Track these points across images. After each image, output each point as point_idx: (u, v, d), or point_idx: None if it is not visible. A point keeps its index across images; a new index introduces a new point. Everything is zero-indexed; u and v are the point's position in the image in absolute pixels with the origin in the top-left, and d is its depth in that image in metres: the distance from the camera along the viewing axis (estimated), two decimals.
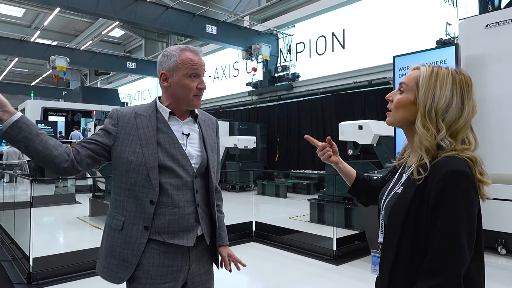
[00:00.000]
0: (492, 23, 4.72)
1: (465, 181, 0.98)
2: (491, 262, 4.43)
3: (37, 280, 3.60)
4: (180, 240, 1.43)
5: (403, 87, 1.14)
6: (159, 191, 1.41)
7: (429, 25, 8.65)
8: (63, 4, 9.14)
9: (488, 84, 4.76)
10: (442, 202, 0.97)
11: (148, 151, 1.42)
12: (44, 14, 18.53)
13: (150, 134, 1.44)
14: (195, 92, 1.48)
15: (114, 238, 1.44)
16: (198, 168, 1.50)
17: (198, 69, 1.48)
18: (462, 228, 0.96)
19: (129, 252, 1.41)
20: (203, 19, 11.39)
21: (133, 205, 1.42)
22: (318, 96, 11.65)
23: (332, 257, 4.40)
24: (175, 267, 1.44)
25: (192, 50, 1.49)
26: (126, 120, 1.47)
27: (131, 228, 1.41)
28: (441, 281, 0.94)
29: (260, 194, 10.44)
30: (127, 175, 1.42)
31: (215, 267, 1.68)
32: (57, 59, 13.55)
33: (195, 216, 1.47)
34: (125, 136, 1.44)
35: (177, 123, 1.51)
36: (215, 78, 16.76)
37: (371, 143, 6.23)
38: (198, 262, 1.52)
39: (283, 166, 12.44)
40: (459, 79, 1.10)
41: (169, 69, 1.47)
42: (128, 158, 1.42)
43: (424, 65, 1.14)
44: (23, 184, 5.70)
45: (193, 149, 1.51)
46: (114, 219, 1.46)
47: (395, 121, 1.17)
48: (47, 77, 25.01)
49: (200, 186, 1.51)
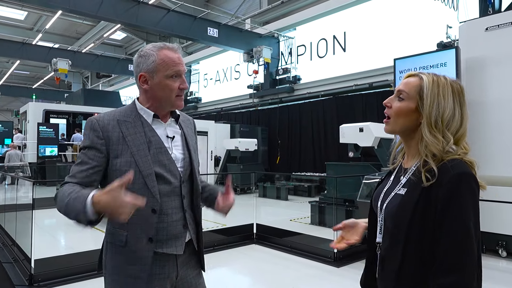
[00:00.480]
0: (492, 26, 4.73)
1: (472, 182, 1.03)
2: (492, 264, 4.42)
3: (39, 282, 3.60)
4: (169, 248, 1.38)
5: (403, 95, 1.14)
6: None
7: (430, 28, 8.68)
8: (65, 7, 9.20)
9: (488, 87, 4.77)
10: (453, 202, 1.00)
11: (141, 158, 1.34)
12: (46, 17, 18.61)
13: (139, 141, 1.36)
14: (177, 92, 1.40)
15: (118, 255, 1.36)
16: (185, 172, 1.44)
17: (179, 69, 1.39)
18: (470, 226, 1.00)
19: (136, 268, 1.33)
20: (204, 22, 11.44)
21: (134, 218, 1.28)
22: (319, 98, 11.67)
23: (333, 259, 4.40)
24: (162, 274, 1.37)
25: (170, 48, 1.41)
26: (110, 129, 1.36)
27: (135, 242, 1.33)
28: (455, 279, 0.97)
29: (261, 197, 10.44)
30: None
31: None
32: (59, 61, 13.62)
33: (183, 222, 1.42)
34: (113, 147, 1.34)
35: (161, 126, 1.44)
36: (217, 80, 16.80)
37: (372, 146, 6.24)
38: (186, 267, 1.46)
39: (284, 168, 12.45)
40: (457, 89, 1.13)
41: (149, 71, 1.37)
42: (121, 169, 1.31)
43: (424, 74, 1.15)
44: (25, 186, 5.72)
45: (178, 152, 1.45)
46: (114, 235, 1.37)
47: (396, 129, 1.17)
48: (49, 80, 25.11)
49: (186, 191, 1.45)
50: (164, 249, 1.37)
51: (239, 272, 4.45)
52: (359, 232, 1.34)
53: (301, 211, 7.85)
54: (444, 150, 1.06)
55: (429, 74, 1.14)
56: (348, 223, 1.36)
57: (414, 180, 1.09)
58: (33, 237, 3.76)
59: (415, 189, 1.07)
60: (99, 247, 1.50)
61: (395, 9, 9.93)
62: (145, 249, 1.33)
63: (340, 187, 6.28)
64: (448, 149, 1.07)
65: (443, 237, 1.01)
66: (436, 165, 1.05)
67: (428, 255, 1.03)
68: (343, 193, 6.33)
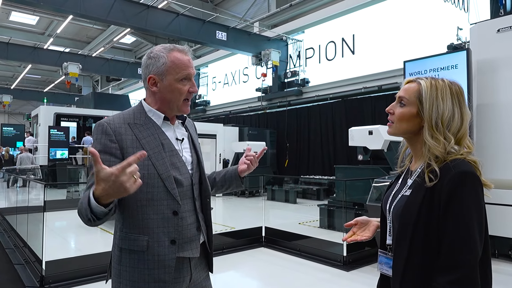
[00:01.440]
0: (504, 27, 4.67)
1: (474, 180, 1.05)
2: (503, 269, 4.34)
3: (50, 283, 3.64)
4: (186, 252, 1.36)
5: (404, 101, 1.19)
6: None
7: (440, 30, 8.59)
8: (76, 12, 9.32)
9: (499, 89, 4.70)
10: (454, 200, 1.03)
11: (158, 161, 1.31)
12: (57, 21, 18.90)
13: (154, 143, 1.33)
14: (186, 96, 1.38)
15: (139, 261, 1.31)
16: (195, 175, 1.43)
17: (190, 72, 1.37)
18: (473, 223, 1.02)
19: (161, 271, 1.30)
20: (213, 25, 11.50)
21: (155, 222, 1.30)
22: (328, 101, 11.63)
23: (342, 263, 4.37)
24: (177, 278, 1.36)
25: (180, 50, 1.37)
26: (123, 132, 1.31)
27: (158, 246, 1.30)
28: (459, 276, 0.99)
29: (270, 200, 10.42)
30: (142, 191, 1.26)
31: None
32: (70, 65, 13.79)
33: (197, 225, 1.41)
34: (128, 150, 1.29)
35: (170, 128, 1.42)
36: (225, 83, 16.85)
37: (381, 149, 6.18)
38: (198, 269, 1.45)
39: (293, 171, 12.41)
40: (455, 90, 1.16)
41: (158, 73, 1.34)
42: (139, 172, 1.23)
43: (422, 78, 1.19)
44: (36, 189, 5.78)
45: (188, 155, 1.43)
46: (134, 241, 1.31)
47: (398, 132, 1.22)
48: (60, 84, 25.47)
49: (197, 193, 1.43)
50: (181, 253, 1.35)
51: (248, 275, 4.44)
52: (371, 230, 1.37)
53: (310, 214, 7.82)
54: (446, 151, 1.10)
55: (427, 78, 1.18)
56: (360, 220, 1.39)
57: (419, 181, 1.13)
58: (44, 239, 3.81)
59: (419, 190, 1.11)
60: (108, 249, 1.47)
61: (404, 11, 9.86)
62: (168, 252, 1.31)
63: (349, 190, 6.23)
64: (450, 149, 1.10)
65: (445, 235, 1.04)
66: (438, 166, 1.08)
67: (432, 254, 1.06)
68: (352, 196, 6.28)
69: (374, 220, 1.38)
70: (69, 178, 11.64)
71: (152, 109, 1.39)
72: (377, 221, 1.36)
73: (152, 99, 1.41)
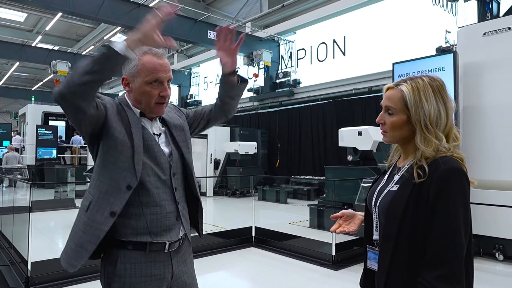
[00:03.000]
0: (489, 31, 4.75)
1: (461, 176, 1.07)
2: (488, 267, 4.42)
3: (35, 285, 3.59)
4: (164, 237, 1.38)
5: (392, 110, 1.19)
6: (140, 190, 1.34)
7: (429, 32, 8.70)
8: (65, 9, 9.21)
9: (485, 92, 4.78)
10: (442, 197, 1.04)
11: (136, 135, 1.35)
12: (46, 19, 18.64)
13: (136, 120, 1.39)
14: (157, 99, 1.39)
15: (79, 219, 1.36)
16: (175, 165, 1.46)
17: (160, 76, 1.37)
18: (459, 219, 1.03)
19: (87, 238, 1.31)
20: (205, 25, 11.47)
21: (105, 186, 1.33)
22: (319, 102, 11.69)
23: (331, 262, 4.40)
24: (158, 275, 1.38)
25: (154, 54, 1.39)
26: (112, 103, 1.39)
27: (96, 211, 1.31)
28: (445, 271, 1.00)
29: (261, 200, 10.44)
30: (108, 152, 1.33)
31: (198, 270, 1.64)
32: (59, 63, 13.63)
33: (176, 214, 1.43)
34: (112, 115, 1.35)
35: (148, 122, 1.46)
36: (217, 83, 16.83)
37: (370, 149, 6.25)
38: (181, 266, 1.47)
39: (284, 172, 12.44)
40: (436, 86, 1.16)
41: (130, 74, 1.38)
42: (114, 135, 1.32)
43: (401, 83, 1.19)
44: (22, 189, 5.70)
45: (165, 148, 1.47)
46: (84, 199, 1.38)
47: (394, 141, 1.24)
48: (49, 82, 25.11)
49: (178, 183, 1.46)
50: (158, 238, 1.37)
51: (238, 275, 4.44)
52: (356, 223, 1.38)
53: (300, 214, 7.85)
54: (438, 151, 1.11)
55: (407, 82, 1.18)
56: (346, 212, 1.40)
57: (407, 177, 1.14)
58: (30, 240, 3.76)
59: (407, 185, 1.12)
60: None
61: (394, 13, 9.97)
62: (102, 221, 1.30)
63: (338, 190, 6.27)
64: (442, 149, 1.11)
65: (432, 230, 1.04)
66: (427, 163, 1.10)
67: (419, 250, 1.07)
68: (342, 196, 6.33)
69: (359, 214, 1.40)
70: (57, 178, 11.50)
71: (131, 105, 1.45)
72: (362, 215, 1.37)
73: (129, 97, 1.46)
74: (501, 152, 4.60)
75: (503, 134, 4.61)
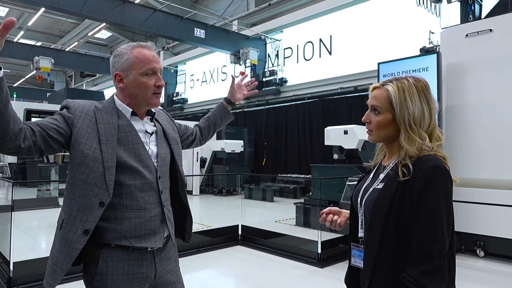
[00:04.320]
0: (472, 32, 4.86)
1: (445, 175, 1.10)
2: (470, 264, 4.53)
3: (18, 285, 3.53)
4: (148, 242, 1.36)
5: (378, 109, 1.21)
6: (123, 193, 1.33)
7: (413, 33, 8.84)
8: (48, 5, 9.01)
9: (467, 92, 4.90)
10: (426, 194, 1.07)
11: (108, 149, 1.31)
12: (28, 14, 18.21)
13: (111, 132, 1.34)
14: (154, 90, 1.40)
15: (55, 237, 1.34)
16: (162, 168, 1.44)
17: (154, 66, 1.39)
18: (443, 215, 1.06)
19: (61, 257, 1.29)
20: (191, 22, 11.39)
21: (76, 204, 1.29)
22: (305, 101, 11.76)
23: (317, 260, 4.44)
24: (140, 273, 1.36)
25: (144, 46, 1.41)
26: (85, 111, 1.34)
27: (69, 229, 1.29)
28: (429, 267, 1.03)
29: (247, 198, 10.45)
30: (78, 170, 1.29)
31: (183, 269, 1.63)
32: (41, 60, 13.35)
33: (161, 218, 1.41)
34: (83, 127, 1.31)
35: (139, 122, 1.44)
36: (203, 81, 16.74)
37: (356, 148, 6.32)
38: (165, 264, 1.45)
39: (270, 170, 12.48)
40: (421, 87, 1.19)
41: (123, 69, 1.38)
42: (84, 151, 1.29)
43: (387, 83, 1.21)
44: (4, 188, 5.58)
45: (155, 148, 1.45)
46: (59, 216, 1.35)
47: (379, 140, 1.26)
48: (31, 78, 24.55)
49: (164, 186, 1.45)
50: (142, 243, 1.35)
51: (224, 273, 4.44)
52: (342, 221, 1.40)
53: (286, 212, 7.89)
54: (422, 150, 1.14)
55: (393, 82, 1.21)
56: (333, 209, 1.42)
57: (392, 175, 1.16)
58: (12, 240, 3.68)
59: (392, 183, 1.14)
60: None
61: (380, 14, 10.09)
62: (75, 240, 1.28)
63: (324, 188, 6.33)
64: (425, 148, 1.14)
65: (416, 227, 1.07)
66: (411, 162, 1.12)
67: (403, 246, 1.09)
68: (327, 194, 6.39)
69: (345, 212, 1.42)
70: (40, 177, 11.26)
71: (122, 103, 1.43)
72: (348, 213, 1.39)
73: (122, 96, 1.44)
74: (482, 150, 4.72)
75: (484, 133, 4.73)
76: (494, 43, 4.68)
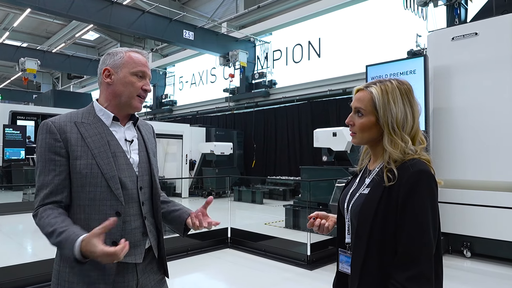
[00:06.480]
0: (458, 36, 4.95)
1: (430, 178, 1.10)
2: (457, 264, 4.59)
3: None
4: (128, 257, 1.30)
5: (362, 111, 1.21)
6: None
7: (401, 36, 8.96)
8: (34, 5, 8.87)
9: (454, 94, 4.98)
10: (411, 198, 1.07)
11: (103, 160, 1.30)
12: (14, 14, 17.92)
13: (100, 142, 1.32)
14: (139, 92, 1.39)
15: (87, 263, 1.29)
16: (142, 178, 1.41)
17: (145, 70, 1.41)
18: (429, 219, 1.06)
19: (100, 274, 1.28)
20: (180, 24, 11.34)
21: (96, 222, 1.25)
22: (294, 103, 11.80)
23: (306, 262, 4.45)
24: (121, 283, 1.32)
25: (139, 52, 1.44)
26: (68, 130, 1.31)
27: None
28: (415, 272, 1.03)
29: (236, 200, 10.42)
30: (84, 190, 1.29)
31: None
32: (27, 61, 13.12)
33: (143, 230, 1.38)
34: (73, 148, 1.29)
35: (120, 129, 1.41)
36: (192, 83, 16.67)
37: (344, 150, 6.36)
38: (147, 274, 1.41)
39: (260, 172, 12.48)
40: (404, 90, 1.20)
41: (114, 66, 1.38)
42: (82, 172, 1.28)
43: (371, 86, 1.21)
44: None
45: (136, 157, 1.41)
46: None
47: (362, 142, 1.26)
48: (16, 80, 24.12)
49: (145, 197, 1.41)
50: (123, 258, 1.28)
51: (213, 277, 4.41)
52: (329, 226, 1.40)
53: (276, 214, 7.89)
54: (405, 153, 1.13)
55: (377, 84, 1.21)
56: (321, 214, 1.42)
57: (377, 180, 1.16)
58: None
59: (377, 188, 1.14)
60: None
61: (368, 17, 10.20)
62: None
63: (313, 190, 6.36)
64: (408, 151, 1.14)
65: (402, 232, 1.07)
66: (396, 166, 1.12)
67: (390, 251, 1.09)
68: (316, 196, 6.42)
69: (332, 216, 1.42)
70: (26, 180, 11.05)
71: (103, 108, 1.39)
72: (335, 217, 1.39)
73: (105, 94, 1.41)
74: (468, 152, 4.80)
75: (470, 135, 4.81)
76: (480, 46, 4.77)
